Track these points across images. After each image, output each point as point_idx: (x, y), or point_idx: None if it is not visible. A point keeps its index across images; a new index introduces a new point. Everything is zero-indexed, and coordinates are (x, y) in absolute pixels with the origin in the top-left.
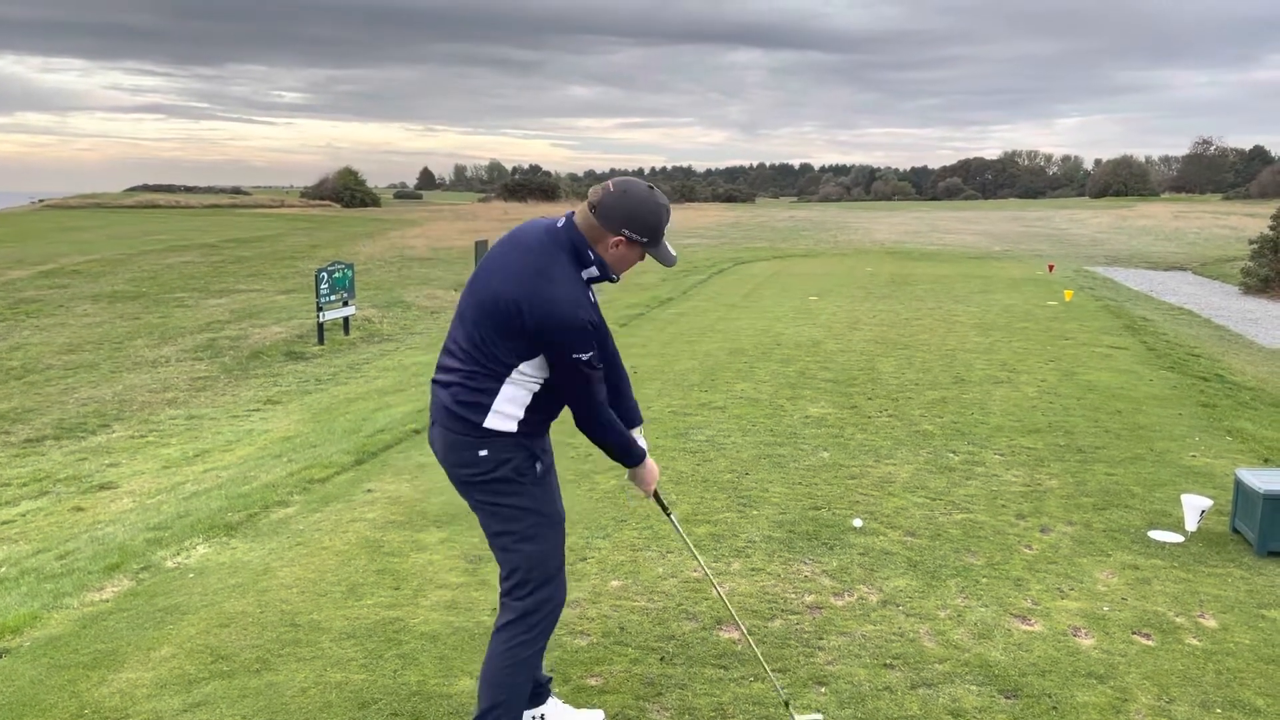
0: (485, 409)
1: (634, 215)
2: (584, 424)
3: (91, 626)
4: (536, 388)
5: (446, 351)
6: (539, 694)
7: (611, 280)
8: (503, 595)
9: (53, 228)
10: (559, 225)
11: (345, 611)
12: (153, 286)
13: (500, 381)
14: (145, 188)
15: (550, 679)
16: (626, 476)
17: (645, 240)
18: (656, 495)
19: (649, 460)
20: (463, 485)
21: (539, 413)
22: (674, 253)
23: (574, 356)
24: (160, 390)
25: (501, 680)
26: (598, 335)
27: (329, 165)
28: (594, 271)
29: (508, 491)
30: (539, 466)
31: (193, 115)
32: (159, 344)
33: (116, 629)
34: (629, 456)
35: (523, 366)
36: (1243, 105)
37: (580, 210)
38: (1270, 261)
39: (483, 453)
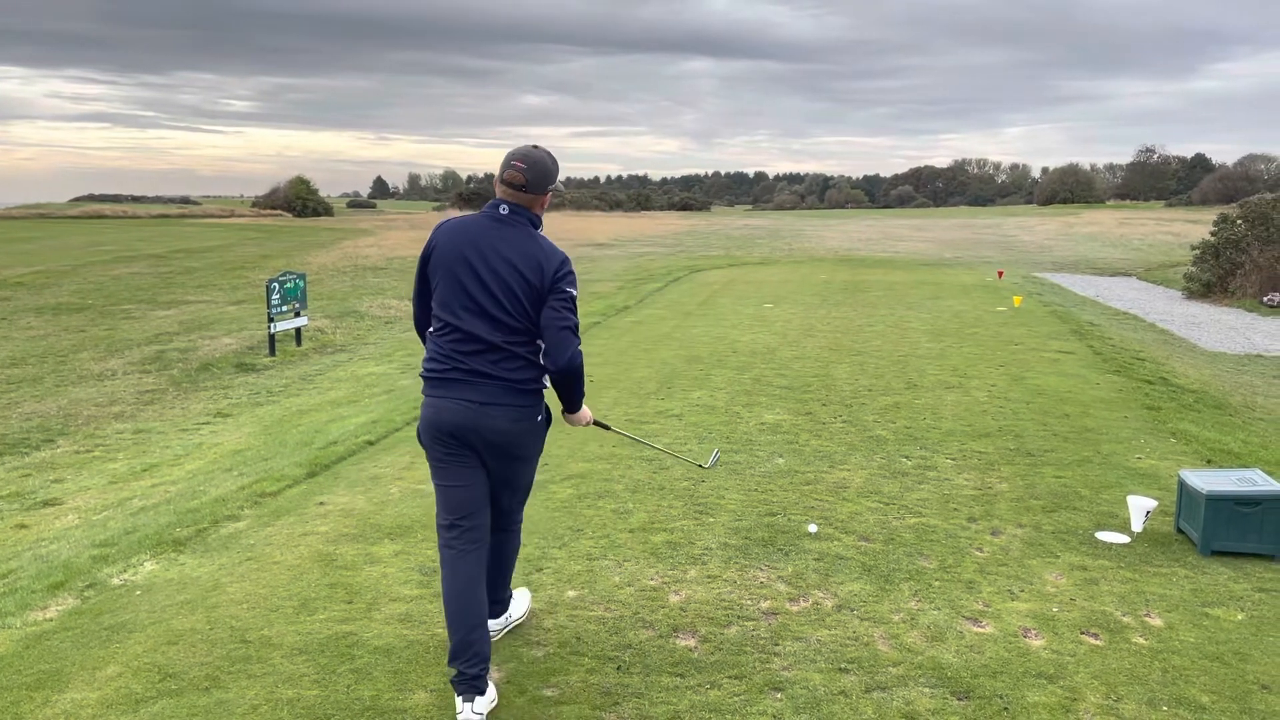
0: (539, 376)
1: (552, 172)
2: (573, 357)
3: (35, 646)
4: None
5: (470, 341)
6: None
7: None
8: (511, 520)
9: None
10: (505, 213)
11: (297, 627)
12: (99, 298)
13: (535, 344)
14: (91, 198)
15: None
16: (569, 420)
17: (553, 192)
18: (596, 421)
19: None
20: (510, 454)
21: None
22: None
23: (570, 291)
24: (107, 404)
25: (512, 564)
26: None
27: (280, 174)
28: (541, 231)
29: (536, 444)
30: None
31: (139, 124)
32: (105, 357)
33: (61, 648)
34: (581, 396)
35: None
36: (1183, 114)
37: (507, 194)
38: (1212, 267)
39: (539, 417)
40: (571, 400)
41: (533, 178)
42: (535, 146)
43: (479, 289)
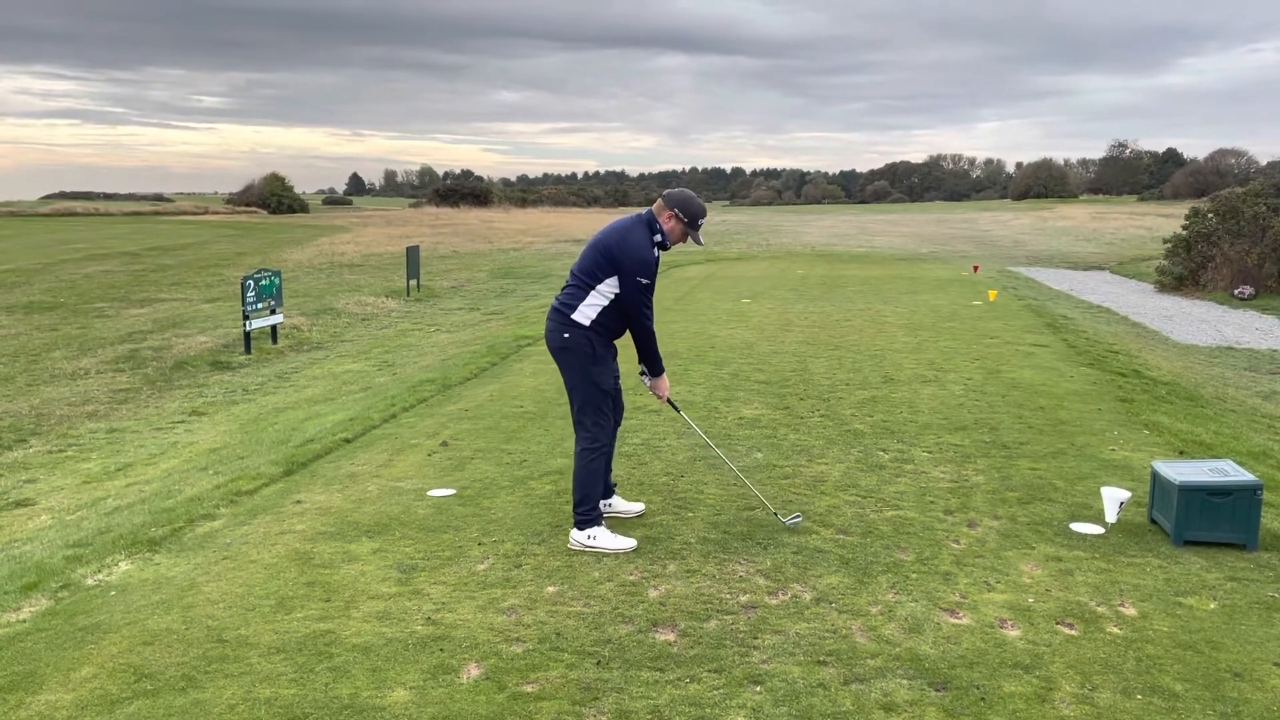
0: (573, 308)
1: (682, 202)
2: (637, 324)
3: (8, 648)
4: (606, 302)
5: (568, 280)
6: (607, 492)
7: (665, 248)
8: (574, 424)
9: None
10: (643, 212)
11: (274, 625)
12: (71, 296)
13: (587, 292)
14: (62, 195)
15: (615, 484)
16: (649, 385)
17: (685, 220)
18: (670, 401)
19: (665, 376)
20: (554, 353)
21: (605, 321)
22: (703, 241)
23: (636, 279)
24: (80, 403)
25: (582, 479)
26: (651, 272)
27: (254, 171)
28: (658, 237)
29: (574, 360)
30: (596, 353)
31: (109, 120)
32: (78, 355)
33: (34, 650)
34: (658, 361)
35: (602, 285)
36: (1154, 109)
37: (656, 202)
38: (1183, 260)
39: (565, 335)
40: (640, 356)
41: (669, 194)
42: (695, 195)
43: (585, 251)
